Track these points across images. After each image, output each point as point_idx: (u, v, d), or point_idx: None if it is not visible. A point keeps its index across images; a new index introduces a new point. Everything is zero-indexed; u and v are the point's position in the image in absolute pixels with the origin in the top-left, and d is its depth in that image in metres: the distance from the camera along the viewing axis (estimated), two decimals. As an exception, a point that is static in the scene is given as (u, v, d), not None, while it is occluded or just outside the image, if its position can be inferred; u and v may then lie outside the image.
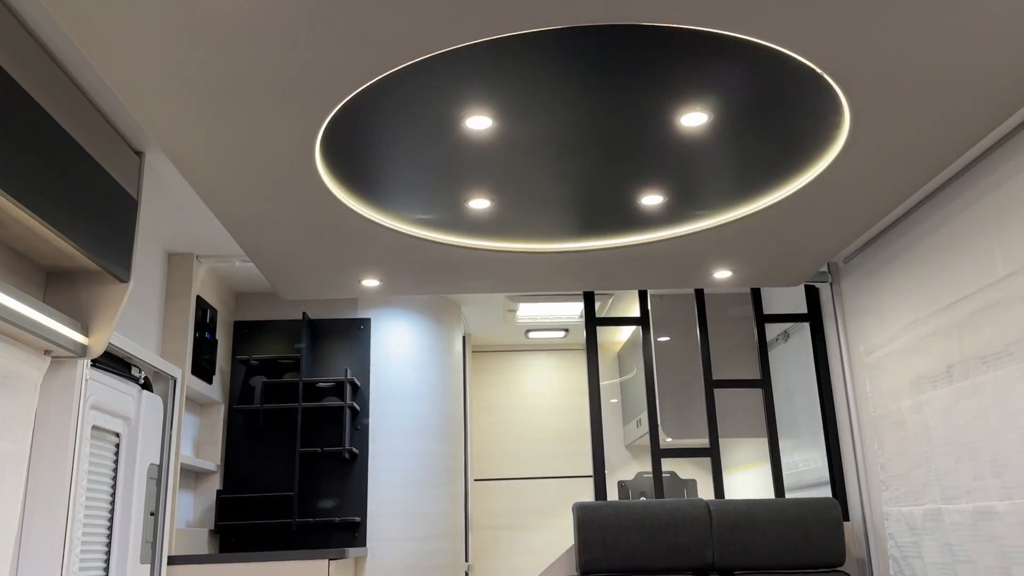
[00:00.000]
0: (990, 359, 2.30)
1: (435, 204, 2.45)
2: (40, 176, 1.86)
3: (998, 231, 2.29)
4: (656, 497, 3.29)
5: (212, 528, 3.51)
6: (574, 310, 4.31)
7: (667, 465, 4.90)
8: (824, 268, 3.40)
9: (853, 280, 3.20)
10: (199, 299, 3.29)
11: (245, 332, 3.77)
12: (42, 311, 2.01)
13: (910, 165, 2.18)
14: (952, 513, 2.48)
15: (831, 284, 3.36)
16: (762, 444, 4.12)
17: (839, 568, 3.03)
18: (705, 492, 4.81)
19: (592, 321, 3.57)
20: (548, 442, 4.98)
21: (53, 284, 2.28)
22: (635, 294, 4.07)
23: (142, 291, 2.92)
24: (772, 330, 3.96)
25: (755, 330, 3.55)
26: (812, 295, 3.51)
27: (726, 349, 3.82)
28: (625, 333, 4.83)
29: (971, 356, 2.39)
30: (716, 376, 3.64)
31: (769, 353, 3.94)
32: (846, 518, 3.22)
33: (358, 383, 3.73)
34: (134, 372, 2.71)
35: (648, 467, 4.88)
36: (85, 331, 2.23)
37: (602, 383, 5.08)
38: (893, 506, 2.84)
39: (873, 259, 3.02)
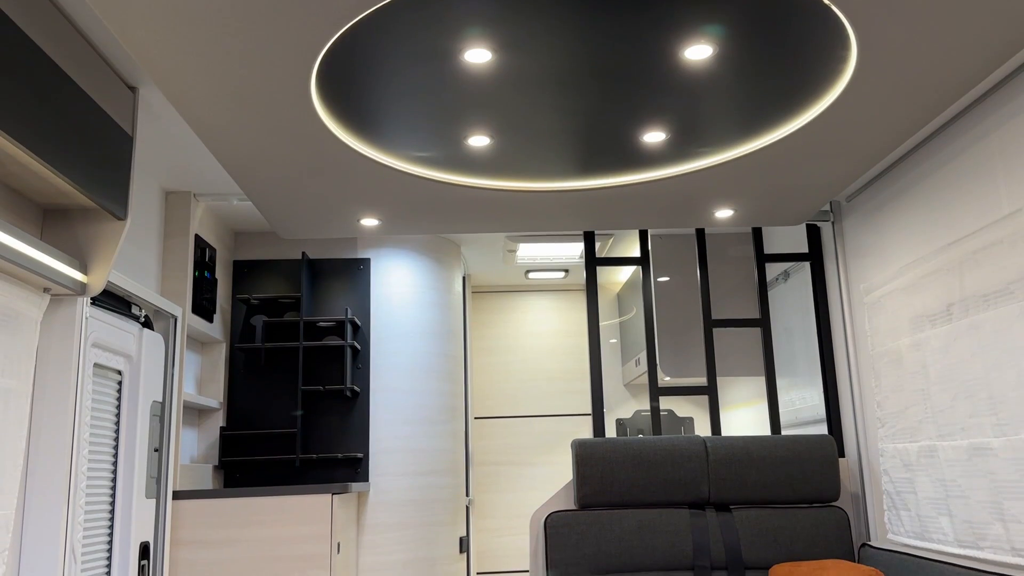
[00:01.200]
0: (991, 297, 2.30)
1: (434, 141, 2.42)
2: (33, 111, 1.83)
3: (1004, 169, 2.27)
4: (653, 435, 3.33)
5: (216, 464, 3.56)
6: (574, 250, 4.30)
7: (665, 403, 4.96)
8: (826, 207, 3.37)
9: (855, 219, 3.18)
10: (198, 238, 3.28)
11: (244, 271, 3.76)
12: (40, 249, 2.00)
13: (918, 99, 2.14)
14: (947, 449, 2.51)
15: (833, 223, 3.35)
16: (759, 383, 4.15)
17: (833, 503, 3.09)
18: (702, 430, 4.88)
19: (592, 261, 3.56)
20: (547, 381, 5.03)
21: (50, 222, 2.26)
22: (635, 234, 4.05)
23: (140, 229, 2.90)
24: (772, 270, 3.95)
25: (755, 270, 3.55)
26: (813, 234, 3.50)
27: (726, 289, 3.82)
28: (625, 274, 4.83)
29: (971, 295, 2.39)
30: (715, 316, 3.65)
31: (769, 293, 3.94)
32: (841, 455, 3.27)
33: (358, 323, 3.74)
34: (134, 311, 2.71)
35: (646, 406, 4.94)
36: (84, 269, 2.23)
37: (601, 323, 5.10)
38: (888, 443, 2.88)
39: (876, 197, 3.00)
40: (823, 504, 3.07)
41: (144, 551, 2.58)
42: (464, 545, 4.04)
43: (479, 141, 2.44)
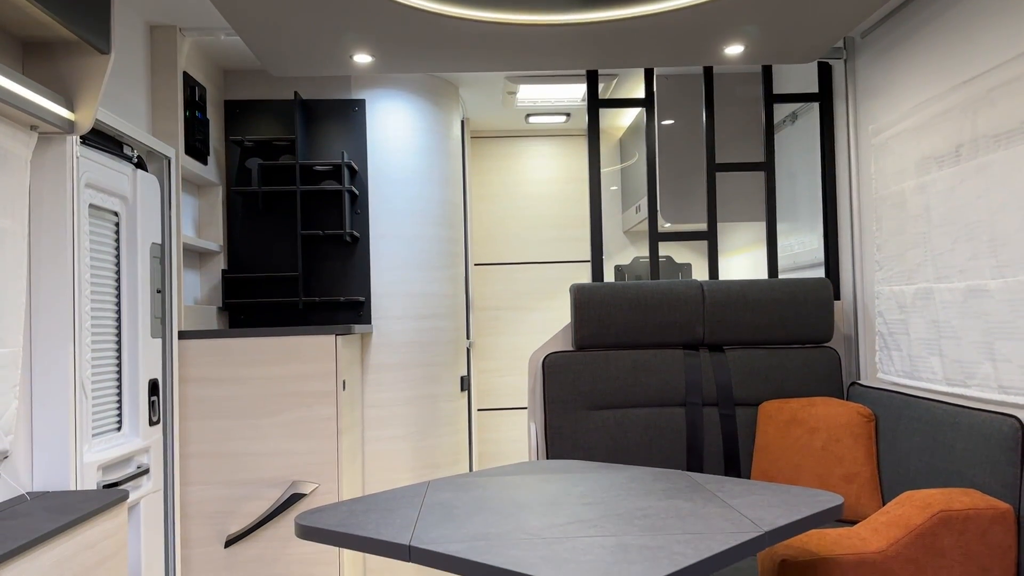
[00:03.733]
0: (1002, 138, 2.24)
1: (429, -32, 2.28)
2: (-2, -71, 1.71)
3: (1030, -1, 2.15)
4: (652, 280, 3.36)
5: (220, 306, 3.61)
6: (576, 92, 4.17)
7: (664, 250, 4.97)
8: (840, 44, 3.24)
9: (868, 57, 3.06)
10: (186, 76, 3.17)
11: (236, 112, 3.67)
12: (24, 84, 1.93)
13: (946, -78, 2.00)
14: (943, 292, 2.53)
15: (845, 61, 3.22)
16: (759, 228, 4.15)
17: (826, 344, 3.15)
18: (700, 276, 4.92)
19: (595, 103, 3.46)
20: (547, 228, 5.02)
21: (31, 58, 2.17)
22: (640, 78, 3.92)
23: (126, 66, 2.80)
24: (779, 113, 3.85)
25: (762, 111, 3.45)
26: (824, 73, 3.38)
27: (731, 133, 3.74)
28: (627, 118, 4.71)
29: (983, 135, 2.33)
30: (719, 160, 3.59)
31: (775, 136, 3.86)
32: (837, 298, 3.31)
33: (356, 167, 3.68)
34: (126, 151, 2.65)
35: (645, 253, 4.96)
36: (70, 106, 2.16)
37: (603, 170, 5.03)
38: (885, 285, 2.90)
39: (892, 33, 2.87)
40: (815, 345, 3.13)
41: (153, 388, 2.66)
42: (465, 384, 4.17)
43: (477, -31, 2.30)
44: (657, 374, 3.04)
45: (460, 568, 1.46)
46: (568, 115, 4.63)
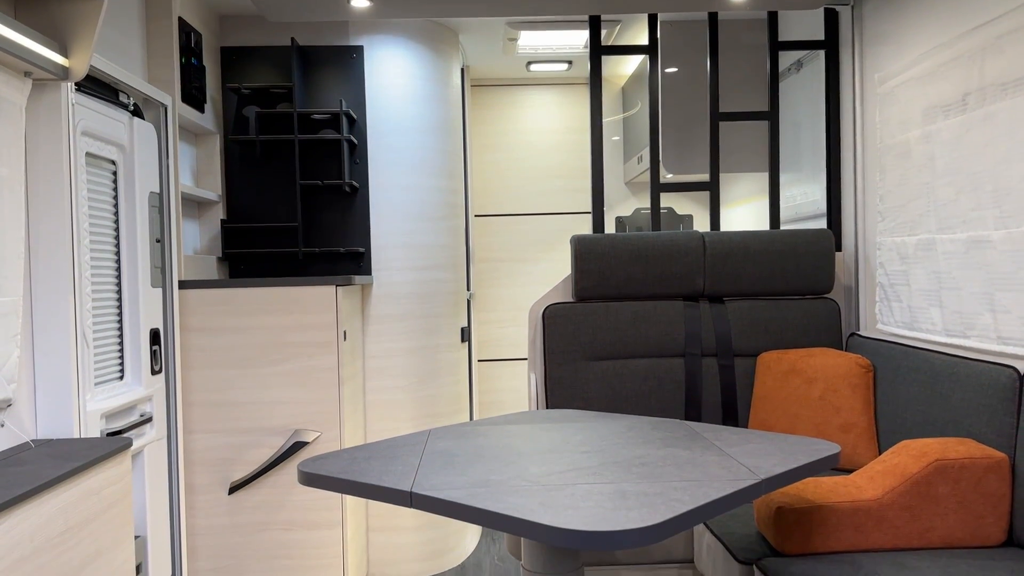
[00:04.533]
0: (1010, 86, 2.21)
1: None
2: None
3: (1044, -58, 2.10)
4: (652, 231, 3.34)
5: (220, 256, 3.61)
6: (578, 39, 4.10)
7: (665, 201, 4.95)
8: (847, -10, 3.18)
9: (876, 3, 3.00)
10: (182, 22, 3.11)
11: (233, 59, 3.61)
12: (16, 28, 1.90)
13: None
14: (945, 243, 2.52)
15: (852, 6, 3.16)
16: (761, 179, 4.12)
17: (826, 295, 3.15)
18: (701, 227, 4.90)
19: (597, 50, 3.40)
20: (548, 179, 4.99)
21: (24, 2, 2.13)
22: (643, 24, 3.85)
23: (120, 11, 2.74)
24: (784, 60, 3.79)
25: (767, 59, 3.40)
26: (831, 20, 3.32)
27: (735, 81, 3.69)
28: (630, 66, 4.64)
29: (990, 83, 2.29)
30: (723, 109, 3.55)
31: (779, 85, 3.81)
32: (838, 249, 3.30)
33: (354, 116, 3.64)
34: (122, 99, 2.62)
35: (646, 204, 4.93)
36: (64, 52, 2.12)
37: (604, 119, 4.97)
38: (887, 236, 2.89)
39: (901, -21, 2.81)
40: (815, 296, 3.13)
41: (155, 337, 2.67)
42: (465, 335, 4.18)
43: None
44: (657, 325, 3.05)
45: (461, 514, 1.48)
46: (570, 63, 4.56)
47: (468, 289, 4.44)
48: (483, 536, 4.44)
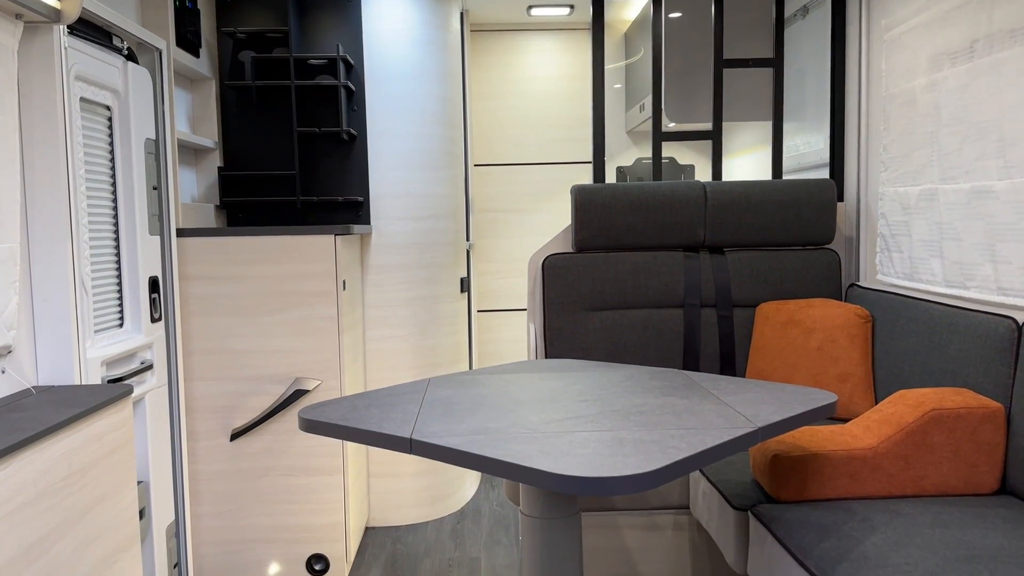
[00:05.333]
0: (1018, 32, 2.17)
1: None
2: None
3: None
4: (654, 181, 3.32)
5: (218, 204, 3.59)
6: (580, -16, 4.02)
7: (667, 150, 4.90)
8: (856, -66, 3.10)
9: (886, -53, 2.93)
10: (175, -36, 3.04)
11: (228, 2, 3.54)
12: (1, -33, 1.85)
13: None
14: (948, 193, 2.50)
15: (861, -48, 3.09)
16: (765, 128, 4.07)
17: (827, 246, 3.14)
18: (703, 178, 4.87)
19: (599, -6, 3.33)
20: (548, 128, 4.93)
21: (10, -60, 2.07)
22: (646, -35, 3.76)
23: (110, -48, 2.68)
24: (790, 6, 3.72)
25: (773, 4, 3.33)
26: (838, -34, 3.25)
27: (740, 27, 3.62)
28: (633, 11, 4.56)
29: (999, 29, 2.25)
30: (727, 55, 3.49)
31: (784, 32, 3.74)
32: (840, 199, 3.28)
33: (351, 61, 3.58)
34: (116, 43, 2.57)
35: (648, 154, 4.89)
36: (54, -7, 2.08)
37: (607, 66, 4.90)
38: (889, 187, 2.87)
39: (912, -79, 2.74)
40: (816, 247, 3.12)
41: (154, 285, 2.66)
42: (465, 285, 4.18)
43: None
44: (656, 276, 3.04)
45: (460, 460, 1.50)
46: (572, 7, 4.48)
47: (468, 239, 4.42)
48: (482, 482, 4.50)
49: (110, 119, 2.53)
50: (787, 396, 1.85)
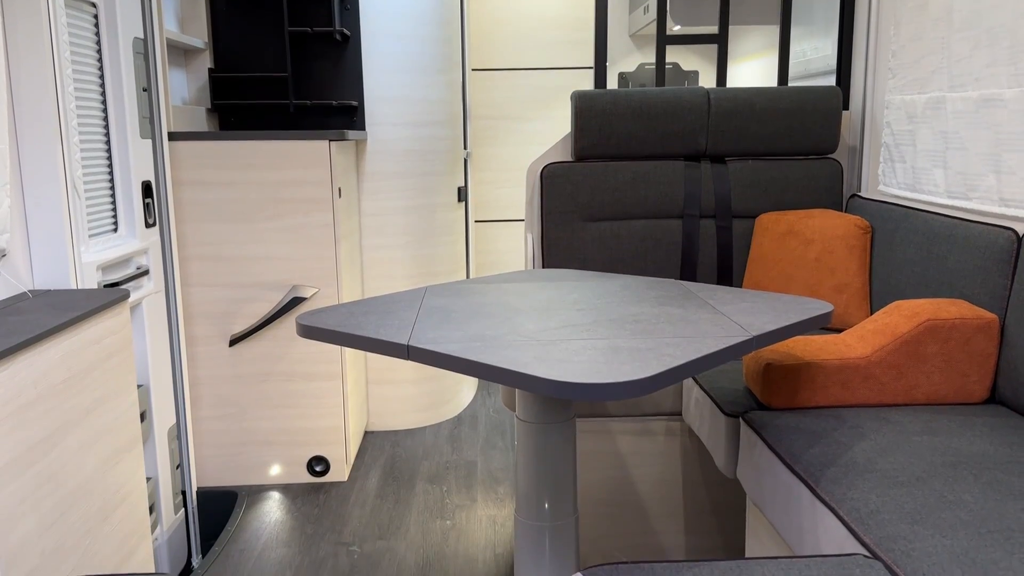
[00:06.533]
0: (1041, -68, 2.08)
1: None
2: None
3: None
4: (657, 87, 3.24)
5: (209, 107, 3.51)
6: None
7: (671, 55, 4.78)
8: None
9: None
10: None
11: None
12: None
13: None
14: (955, 101, 2.45)
15: None
16: (771, 34, 3.96)
17: (830, 156, 3.10)
18: (707, 84, 4.76)
19: None
20: (548, 30, 4.79)
21: None
22: None
23: None
24: (802, -97, 3.56)
25: (784, -99, 3.19)
26: None
27: (748, -75, 3.48)
28: (638, -93, 4.37)
29: (1021, -72, 2.16)
30: (734, -44, 3.36)
31: (795, -69, 3.59)
32: (846, 107, 3.21)
33: (346, -42, 3.45)
34: (97, -65, 2.46)
35: (651, 59, 4.77)
36: None
37: (609, -34, 4.73)
38: (896, 95, 2.80)
39: None
40: (819, 156, 3.08)
41: (147, 190, 2.63)
42: (462, 195, 4.15)
43: None
44: (656, 186, 3.01)
45: (457, 367, 1.51)
46: (574, -96, 4.29)
47: (465, 148, 4.36)
48: (479, 389, 4.57)
49: (96, 17, 2.45)
50: (783, 306, 1.86)
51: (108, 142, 2.49)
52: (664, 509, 2.62)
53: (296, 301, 3.16)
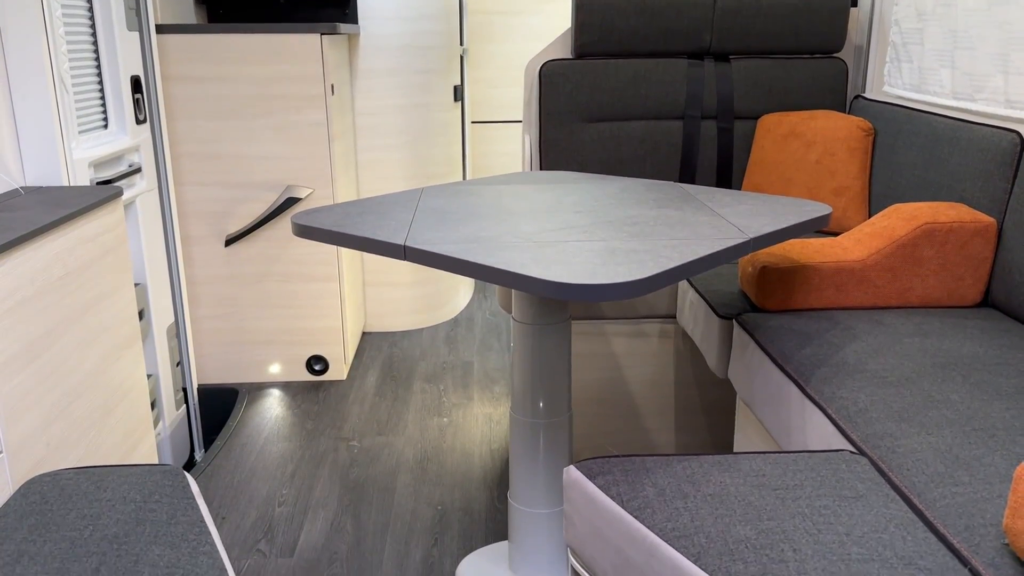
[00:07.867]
0: None
1: None
2: None
3: None
4: (660, -21, 3.13)
5: None
6: None
7: (675, -51, 4.60)
8: None
9: None
10: None
11: None
12: None
13: None
14: (968, -2, 2.37)
15: None
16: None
17: (835, 55, 3.03)
18: (711, -21, 4.60)
19: None
20: (549, -80, 4.59)
21: None
22: None
23: None
24: None
25: None
26: None
27: None
28: None
29: None
30: None
31: None
32: (854, 4, 3.11)
33: None
34: None
35: (654, -49, 4.59)
36: None
37: None
38: (907, -8, 2.71)
39: None
40: (824, 55, 3.00)
41: (136, 85, 2.57)
42: (458, 94, 4.06)
43: None
44: (658, 86, 2.95)
45: (453, 267, 1.51)
46: None
47: (461, 44, 4.24)
48: (475, 292, 4.60)
49: (73, -101, 2.33)
50: (781, 208, 1.85)
51: (94, 34, 2.41)
52: (655, 408, 2.68)
53: (291, 201, 3.14)
